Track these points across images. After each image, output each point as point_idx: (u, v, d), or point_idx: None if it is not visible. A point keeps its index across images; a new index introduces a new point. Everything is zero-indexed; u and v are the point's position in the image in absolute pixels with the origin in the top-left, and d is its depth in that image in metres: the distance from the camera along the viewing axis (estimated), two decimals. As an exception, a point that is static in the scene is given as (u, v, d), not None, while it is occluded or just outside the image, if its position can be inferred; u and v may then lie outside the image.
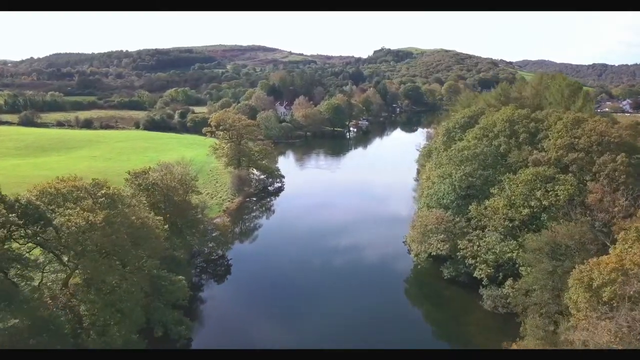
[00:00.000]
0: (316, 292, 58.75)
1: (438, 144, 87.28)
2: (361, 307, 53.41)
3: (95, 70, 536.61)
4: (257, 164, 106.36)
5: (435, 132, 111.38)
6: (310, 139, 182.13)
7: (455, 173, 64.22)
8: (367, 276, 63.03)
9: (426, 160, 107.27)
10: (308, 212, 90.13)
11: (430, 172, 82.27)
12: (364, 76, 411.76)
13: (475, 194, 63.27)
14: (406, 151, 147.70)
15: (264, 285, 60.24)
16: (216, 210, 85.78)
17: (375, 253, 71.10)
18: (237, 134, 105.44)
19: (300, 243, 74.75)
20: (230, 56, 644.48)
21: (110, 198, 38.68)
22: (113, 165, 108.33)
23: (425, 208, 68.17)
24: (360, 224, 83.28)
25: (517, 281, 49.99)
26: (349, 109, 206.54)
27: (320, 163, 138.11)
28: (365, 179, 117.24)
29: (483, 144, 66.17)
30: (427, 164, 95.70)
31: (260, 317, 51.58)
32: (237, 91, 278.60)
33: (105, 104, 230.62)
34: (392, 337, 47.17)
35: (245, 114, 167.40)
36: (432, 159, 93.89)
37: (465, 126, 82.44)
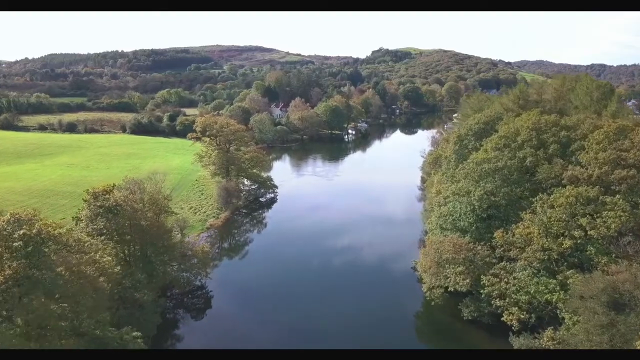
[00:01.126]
0: (308, 331, 48.60)
1: (448, 153, 77.21)
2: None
3: (90, 71, 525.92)
4: (247, 173, 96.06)
5: (443, 137, 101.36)
6: (307, 143, 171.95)
7: (474, 191, 54.21)
8: (373, 311, 52.83)
9: (433, 169, 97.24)
10: (301, 231, 79.84)
11: (441, 186, 72.18)
12: (362, 77, 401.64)
13: (498, 216, 53.22)
14: (407, 155, 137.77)
15: (248, 320, 50.13)
16: (199, 227, 75.55)
17: (381, 281, 60.83)
18: (225, 140, 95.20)
19: (290, 266, 64.48)
20: (227, 56, 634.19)
21: (32, 241, 28.50)
22: (90, 174, 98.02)
23: (438, 230, 58.06)
24: (360, 243, 73.14)
25: (559, 331, 40.02)
26: (347, 111, 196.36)
27: (317, 170, 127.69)
28: (365, 187, 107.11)
29: (505, 156, 56.09)
30: (436, 174, 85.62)
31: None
32: (232, 92, 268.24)
33: (94, 105, 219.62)
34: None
35: (238, 117, 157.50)
36: (442, 168, 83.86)
37: (479, 133, 72.43)
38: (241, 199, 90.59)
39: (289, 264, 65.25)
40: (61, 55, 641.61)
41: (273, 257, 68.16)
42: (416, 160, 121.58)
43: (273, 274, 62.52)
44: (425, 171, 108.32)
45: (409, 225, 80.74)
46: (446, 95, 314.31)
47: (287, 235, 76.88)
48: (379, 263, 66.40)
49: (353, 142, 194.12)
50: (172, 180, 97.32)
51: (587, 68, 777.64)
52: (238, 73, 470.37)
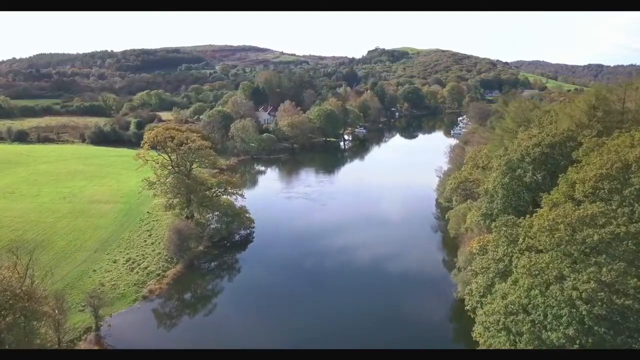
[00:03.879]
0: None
1: (490, 184, 52.87)
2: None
3: (77, 71, 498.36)
4: (213, 204, 71.37)
5: (469, 157, 76.92)
6: (298, 152, 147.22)
7: (576, 278, 30.06)
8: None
9: (459, 196, 73.08)
10: (282, 297, 55.22)
11: (484, 237, 48.02)
12: (358, 77, 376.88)
13: (623, 328, 29.08)
14: (414, 165, 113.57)
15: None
16: (131, 297, 50.87)
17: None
18: (184, 161, 70.65)
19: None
20: (220, 56, 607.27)
21: None
22: (6, 206, 72.99)
23: (504, 336, 33.82)
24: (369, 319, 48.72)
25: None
26: (343, 115, 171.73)
27: (307, 189, 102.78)
28: (367, 215, 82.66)
29: (621, 213, 32.07)
30: (468, 209, 61.34)
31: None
32: (220, 94, 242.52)
33: (63, 109, 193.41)
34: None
35: (217, 124, 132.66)
36: (478, 203, 59.58)
37: (541, 161, 48.49)
38: (203, 242, 65.85)
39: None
40: (49, 55, 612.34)
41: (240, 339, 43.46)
42: (427, 175, 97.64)
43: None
44: (444, 195, 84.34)
45: (432, 290, 55.91)
46: (448, 97, 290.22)
47: (261, 306, 52.01)
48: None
49: (350, 150, 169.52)
50: (115, 214, 72.55)
51: (585, 68, 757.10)
52: (230, 73, 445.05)
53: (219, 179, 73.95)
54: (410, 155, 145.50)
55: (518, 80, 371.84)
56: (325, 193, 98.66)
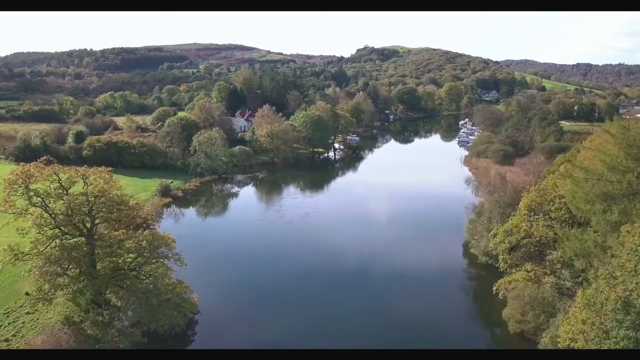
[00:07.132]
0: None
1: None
2: None
3: (52, 71, 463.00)
4: (132, 284, 43.06)
5: (530, 200, 49.50)
6: (280, 168, 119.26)
7: None
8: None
9: (523, 268, 46.06)
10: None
11: None
12: (347, 77, 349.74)
13: None
14: (422, 185, 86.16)
15: None
16: None
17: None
18: (82, 217, 42.22)
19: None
20: (204, 55, 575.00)
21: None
22: None
23: None
24: None
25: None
26: (333, 122, 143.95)
27: (290, 225, 74.67)
28: (370, 269, 55.08)
29: None
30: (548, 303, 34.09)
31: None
32: (197, 95, 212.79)
33: (8, 114, 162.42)
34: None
35: (177, 135, 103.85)
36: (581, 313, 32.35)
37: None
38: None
39: None
40: (26, 54, 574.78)
41: None
42: (445, 206, 70.87)
43: None
44: (480, 248, 57.35)
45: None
46: (446, 98, 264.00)
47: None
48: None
49: (341, 161, 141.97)
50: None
51: (573, 67, 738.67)
52: (213, 73, 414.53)
53: (143, 236, 45.25)
54: (416, 172, 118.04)
55: (515, 80, 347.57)
56: (312, 221, 70.86)
